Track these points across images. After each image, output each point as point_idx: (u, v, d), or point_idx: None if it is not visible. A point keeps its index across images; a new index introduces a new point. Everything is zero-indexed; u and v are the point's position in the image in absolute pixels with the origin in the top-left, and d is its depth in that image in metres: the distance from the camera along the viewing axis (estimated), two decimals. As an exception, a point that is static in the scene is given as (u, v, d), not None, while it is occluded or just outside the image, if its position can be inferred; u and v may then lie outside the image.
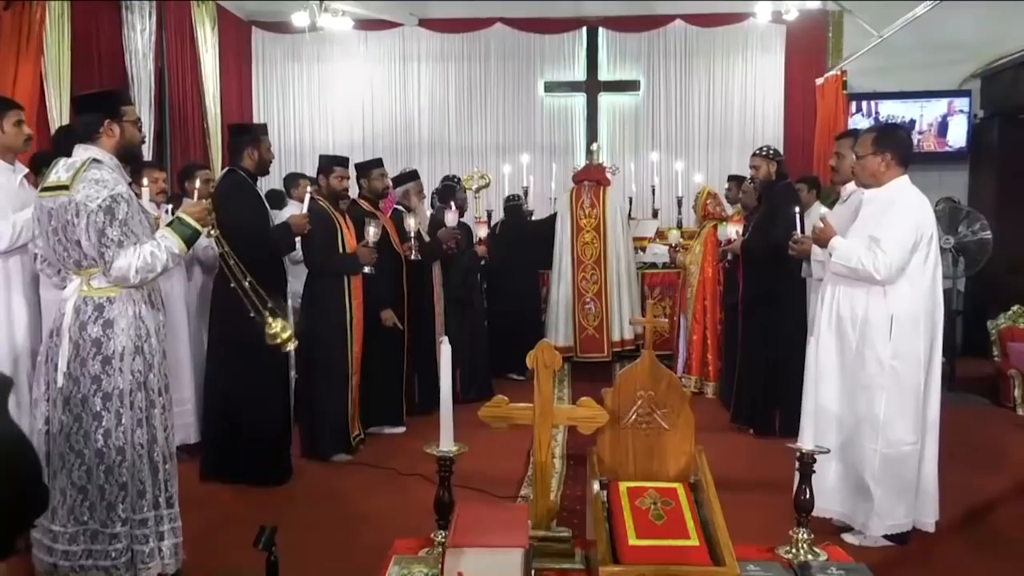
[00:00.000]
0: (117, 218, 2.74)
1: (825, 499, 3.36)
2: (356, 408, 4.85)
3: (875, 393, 3.38)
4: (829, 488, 3.41)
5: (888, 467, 3.36)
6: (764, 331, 5.07)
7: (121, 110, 2.93)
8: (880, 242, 3.31)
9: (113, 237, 2.74)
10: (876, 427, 3.37)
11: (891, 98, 8.64)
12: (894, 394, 3.36)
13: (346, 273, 4.71)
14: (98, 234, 2.73)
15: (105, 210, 2.73)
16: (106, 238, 2.73)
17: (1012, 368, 5.97)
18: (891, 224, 3.34)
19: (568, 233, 6.97)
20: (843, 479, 3.48)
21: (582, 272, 6.93)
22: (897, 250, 3.30)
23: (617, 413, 2.23)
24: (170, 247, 2.84)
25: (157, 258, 2.79)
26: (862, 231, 3.42)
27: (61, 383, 2.80)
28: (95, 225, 2.73)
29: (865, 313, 3.39)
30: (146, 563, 2.86)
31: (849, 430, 3.45)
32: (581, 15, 9.02)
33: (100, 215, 2.72)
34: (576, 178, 7.15)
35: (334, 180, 4.81)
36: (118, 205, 2.74)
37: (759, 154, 5.27)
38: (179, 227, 2.89)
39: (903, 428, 3.37)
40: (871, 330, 3.38)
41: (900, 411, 3.37)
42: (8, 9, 4.96)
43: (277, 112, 9.24)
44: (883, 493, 3.37)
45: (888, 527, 3.40)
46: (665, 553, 1.88)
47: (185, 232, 2.89)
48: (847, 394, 3.45)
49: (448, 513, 2.10)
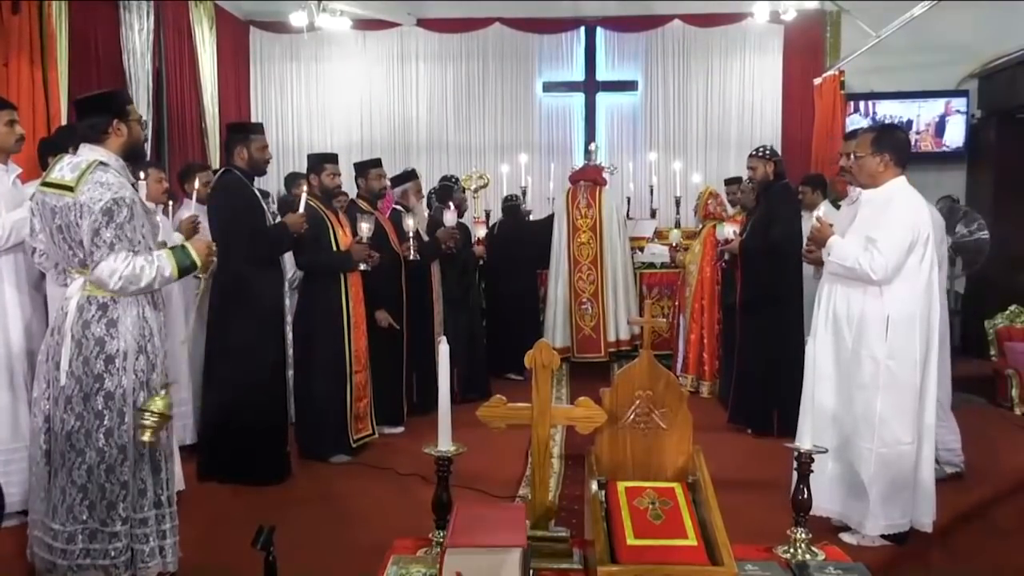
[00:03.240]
0: (114, 221, 2.74)
1: (822, 498, 3.36)
2: (366, 407, 4.84)
3: (871, 393, 3.38)
4: (826, 487, 3.41)
5: (884, 467, 3.36)
6: (762, 331, 5.08)
7: (127, 109, 2.95)
8: (876, 242, 3.32)
9: (106, 238, 2.74)
10: (872, 426, 3.37)
11: (889, 98, 8.65)
12: (891, 394, 3.37)
13: (338, 270, 4.69)
14: (92, 233, 2.74)
15: (104, 212, 2.73)
16: (99, 238, 2.74)
17: (1009, 368, 5.98)
18: (887, 225, 3.35)
19: (564, 233, 6.96)
20: (840, 478, 3.48)
21: (578, 272, 6.91)
22: (893, 251, 3.31)
23: (615, 413, 2.23)
24: (163, 269, 2.84)
25: (145, 273, 2.79)
26: (860, 232, 3.42)
27: (63, 382, 2.80)
28: (93, 225, 2.74)
29: (861, 313, 3.40)
30: (147, 562, 2.86)
31: (846, 429, 3.45)
32: (579, 15, 9.02)
33: (99, 216, 2.73)
34: (572, 178, 7.15)
35: (326, 178, 4.78)
36: (119, 208, 2.75)
37: (756, 155, 5.26)
38: (180, 255, 2.92)
39: (899, 428, 3.37)
40: (867, 330, 3.39)
41: (896, 411, 3.37)
42: (16, 13, 4.96)
43: (275, 112, 9.23)
44: (879, 492, 3.37)
45: (884, 527, 3.41)
46: (663, 553, 1.88)
47: (184, 263, 2.91)
48: (844, 394, 3.46)
49: (446, 513, 2.11)
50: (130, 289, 2.79)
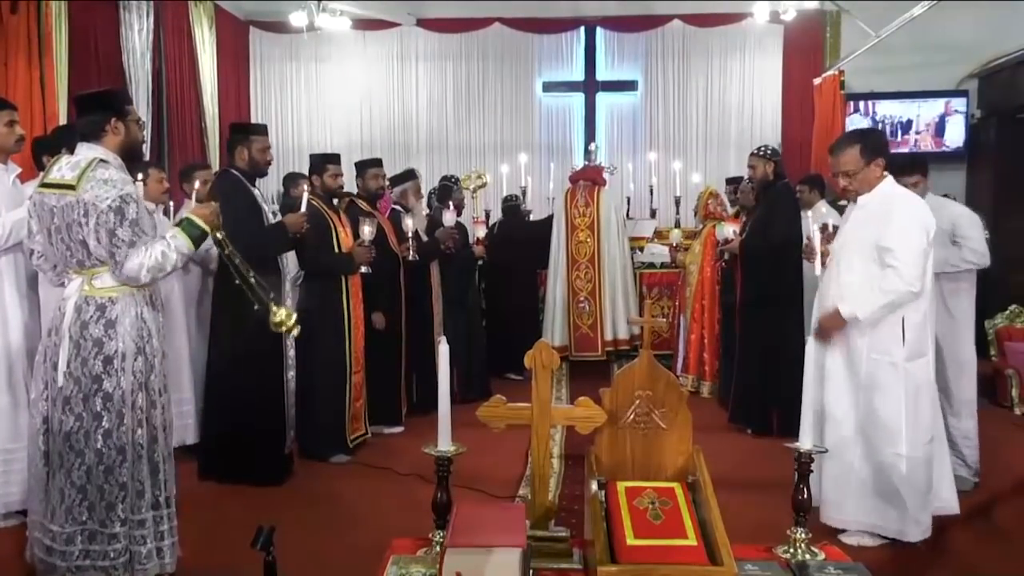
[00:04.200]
0: (128, 218, 2.75)
1: (854, 511, 3.33)
2: (361, 408, 4.84)
3: (894, 397, 3.29)
4: (857, 500, 3.34)
5: (914, 470, 3.28)
6: (762, 331, 5.07)
7: (126, 109, 2.96)
8: (893, 252, 3.22)
9: (124, 237, 2.75)
10: (899, 432, 3.27)
11: (888, 98, 8.66)
12: (912, 396, 3.30)
13: (341, 273, 4.69)
14: (109, 235, 2.74)
15: (115, 211, 2.73)
16: (117, 238, 2.74)
17: (1009, 367, 5.98)
18: (900, 233, 3.25)
19: (563, 232, 6.96)
20: (871, 489, 3.36)
21: (576, 271, 6.91)
22: (915, 257, 3.22)
23: (615, 413, 2.23)
24: (180, 247, 2.86)
25: (168, 257, 2.82)
26: (862, 240, 3.36)
27: (61, 383, 2.79)
28: (105, 226, 2.73)
29: None
30: (143, 564, 2.85)
31: (870, 438, 3.35)
32: (579, 15, 9.02)
33: (111, 216, 2.73)
34: (572, 178, 7.15)
35: (328, 179, 4.78)
36: (128, 205, 2.76)
37: (756, 154, 5.26)
38: (188, 227, 2.92)
39: (922, 429, 3.32)
40: (882, 333, 3.31)
41: (916, 412, 3.31)
42: (15, 12, 4.96)
43: (275, 112, 9.23)
44: (914, 497, 3.28)
45: (923, 531, 3.33)
46: (663, 553, 1.88)
47: (194, 233, 2.92)
48: (862, 400, 3.36)
49: (446, 513, 2.10)
50: (160, 276, 2.85)
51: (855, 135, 3.64)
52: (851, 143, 3.44)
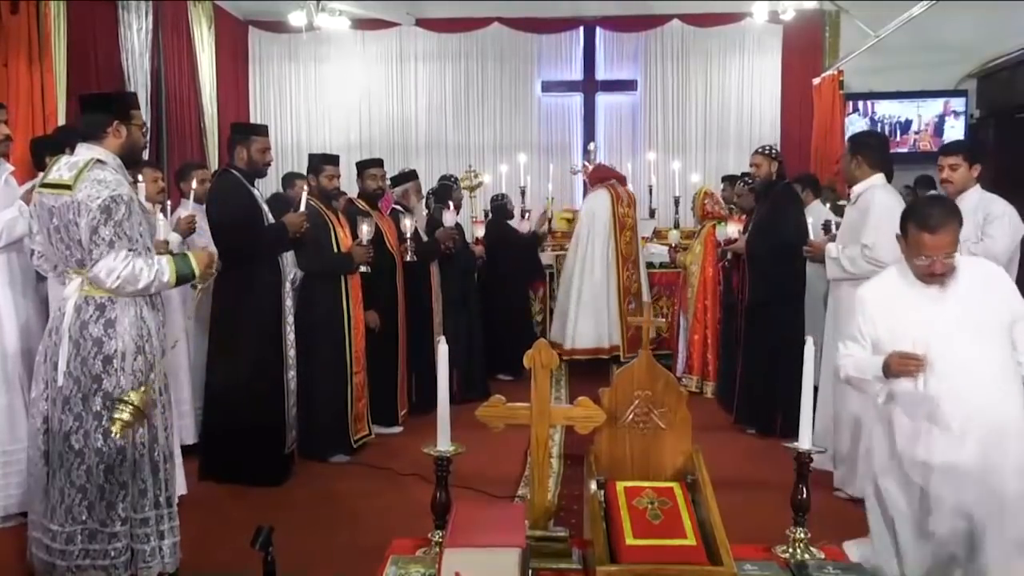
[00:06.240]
0: (112, 218, 2.74)
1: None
2: (363, 408, 4.84)
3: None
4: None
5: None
6: (767, 331, 5.05)
7: (131, 113, 2.95)
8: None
9: (104, 236, 2.74)
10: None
11: (887, 98, 8.66)
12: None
13: (340, 272, 4.69)
14: (91, 231, 2.73)
15: (103, 209, 2.73)
16: (97, 236, 2.73)
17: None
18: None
19: (610, 232, 6.60)
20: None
21: (626, 271, 6.67)
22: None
23: (614, 413, 2.23)
24: (161, 274, 2.83)
25: (143, 275, 2.78)
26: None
27: (61, 382, 2.79)
28: (91, 223, 2.73)
29: None
30: (147, 562, 2.86)
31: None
32: (578, 15, 9.02)
33: (97, 213, 2.73)
34: (598, 177, 6.89)
35: (324, 179, 4.77)
36: (116, 206, 2.75)
37: (761, 152, 5.22)
38: (180, 263, 2.92)
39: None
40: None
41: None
42: (15, 13, 4.96)
43: (274, 112, 9.22)
44: None
45: None
46: (662, 553, 1.88)
47: (183, 271, 2.90)
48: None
49: (445, 513, 2.10)
50: (127, 289, 2.78)
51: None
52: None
